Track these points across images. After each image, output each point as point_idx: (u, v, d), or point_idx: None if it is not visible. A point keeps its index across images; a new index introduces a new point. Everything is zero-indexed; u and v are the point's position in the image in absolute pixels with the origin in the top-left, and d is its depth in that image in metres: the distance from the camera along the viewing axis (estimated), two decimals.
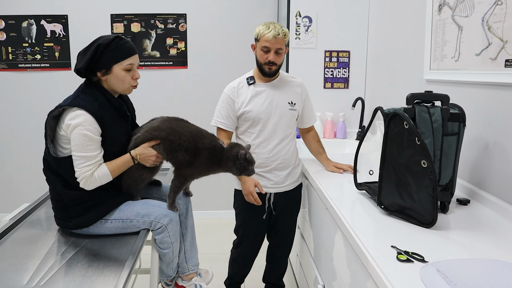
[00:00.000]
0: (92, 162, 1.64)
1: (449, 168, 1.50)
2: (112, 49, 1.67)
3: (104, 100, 1.69)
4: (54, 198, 1.73)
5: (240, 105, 2.05)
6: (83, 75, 1.72)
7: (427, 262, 1.13)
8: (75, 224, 1.69)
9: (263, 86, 2.09)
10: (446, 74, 1.93)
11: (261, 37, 1.99)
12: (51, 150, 1.67)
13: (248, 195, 2.00)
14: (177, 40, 3.63)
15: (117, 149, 1.73)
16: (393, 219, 1.45)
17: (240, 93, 2.07)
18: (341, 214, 1.50)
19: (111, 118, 1.69)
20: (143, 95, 3.61)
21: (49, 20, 3.55)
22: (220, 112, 2.08)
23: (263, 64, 2.02)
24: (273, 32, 1.95)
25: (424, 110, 1.47)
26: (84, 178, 1.63)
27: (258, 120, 2.05)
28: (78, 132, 1.60)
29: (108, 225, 1.70)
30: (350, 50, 3.07)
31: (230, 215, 3.90)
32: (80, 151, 1.61)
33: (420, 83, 2.20)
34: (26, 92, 3.63)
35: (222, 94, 2.10)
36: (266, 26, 1.98)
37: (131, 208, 1.73)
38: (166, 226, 1.72)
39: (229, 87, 2.10)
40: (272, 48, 1.98)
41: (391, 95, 2.66)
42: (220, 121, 2.08)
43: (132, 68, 1.74)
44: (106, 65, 1.67)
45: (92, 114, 1.61)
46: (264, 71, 2.04)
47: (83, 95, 1.68)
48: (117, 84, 1.71)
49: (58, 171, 1.69)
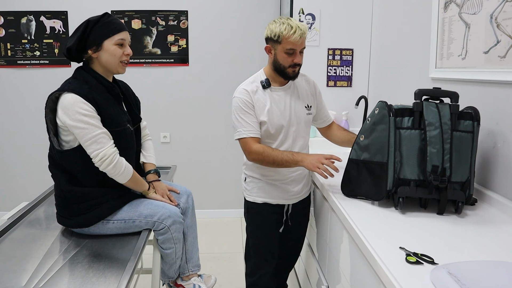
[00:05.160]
0: (108, 138, 1.62)
1: (463, 166, 1.47)
2: (102, 24, 1.67)
3: (95, 82, 1.68)
4: (57, 194, 1.71)
5: (259, 113, 1.81)
6: (74, 56, 1.70)
7: (438, 264, 1.10)
8: (76, 223, 1.66)
9: (279, 91, 1.86)
10: (452, 73, 1.90)
11: (284, 38, 1.73)
12: (54, 143, 1.65)
13: (318, 165, 1.66)
14: (178, 37, 3.59)
15: (119, 128, 1.70)
16: (400, 219, 1.42)
17: (257, 99, 1.81)
18: (346, 214, 1.47)
19: (105, 99, 1.67)
20: (144, 93, 3.50)
21: (48, 16, 3.51)
22: (245, 120, 1.79)
23: (288, 67, 1.79)
24: (298, 32, 1.72)
25: (432, 105, 1.46)
26: (110, 156, 1.60)
27: (279, 131, 1.84)
28: (77, 116, 1.57)
29: (110, 226, 1.67)
30: (353, 48, 3.04)
31: (231, 214, 3.96)
32: (89, 132, 1.58)
33: (425, 82, 2.17)
34: (25, 90, 3.59)
35: (236, 100, 1.81)
36: (288, 26, 1.73)
37: (134, 208, 1.71)
38: (169, 227, 1.70)
39: (242, 91, 1.82)
40: (298, 49, 1.77)
41: (395, 93, 2.63)
42: (250, 130, 1.78)
43: (124, 43, 1.72)
44: (97, 40, 1.66)
45: (83, 96, 1.59)
46: (288, 74, 1.81)
47: (73, 80, 1.67)
48: (109, 60, 1.69)
49: (63, 165, 1.67)
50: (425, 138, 1.45)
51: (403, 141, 1.48)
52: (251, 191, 1.92)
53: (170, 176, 2.38)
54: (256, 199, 1.92)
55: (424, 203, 1.51)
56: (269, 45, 1.81)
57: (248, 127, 1.79)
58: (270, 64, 1.85)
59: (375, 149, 1.54)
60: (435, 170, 1.44)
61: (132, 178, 1.71)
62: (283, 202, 1.92)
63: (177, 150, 3.75)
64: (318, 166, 1.66)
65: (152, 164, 1.97)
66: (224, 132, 3.74)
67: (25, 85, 3.59)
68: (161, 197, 1.82)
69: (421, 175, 1.47)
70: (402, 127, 1.49)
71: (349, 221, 1.41)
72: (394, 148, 1.49)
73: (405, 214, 1.47)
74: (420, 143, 1.47)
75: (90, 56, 1.69)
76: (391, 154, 1.49)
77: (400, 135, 1.49)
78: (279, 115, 1.83)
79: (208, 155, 3.78)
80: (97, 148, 1.60)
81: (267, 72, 1.87)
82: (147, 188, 1.80)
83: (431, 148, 1.44)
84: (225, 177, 3.82)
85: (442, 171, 1.43)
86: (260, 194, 1.90)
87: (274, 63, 1.81)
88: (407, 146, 1.48)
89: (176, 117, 3.70)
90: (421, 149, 1.47)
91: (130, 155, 1.79)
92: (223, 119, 3.71)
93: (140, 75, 3.57)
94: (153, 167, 1.95)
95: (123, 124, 1.72)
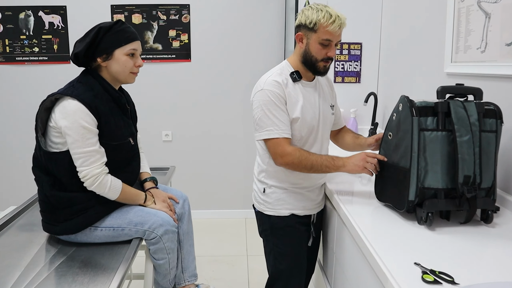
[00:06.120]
0: (98, 156, 1.54)
1: (490, 169, 1.33)
2: (114, 32, 1.58)
3: (101, 90, 1.59)
4: (41, 199, 1.61)
5: (291, 110, 1.58)
6: (81, 62, 1.61)
7: (458, 284, 0.96)
8: (62, 229, 1.56)
9: (310, 86, 1.65)
10: (470, 67, 1.76)
11: (322, 26, 1.53)
12: (42, 143, 1.56)
13: (364, 164, 1.50)
14: (180, 32, 3.50)
15: (117, 142, 1.61)
16: (416, 231, 1.28)
17: (289, 93, 1.58)
18: (354, 222, 1.34)
19: (110, 110, 1.59)
20: (145, 90, 3.51)
21: (47, 11, 3.43)
22: (277, 117, 1.55)
23: (320, 60, 1.57)
24: (338, 22, 1.54)
25: (459, 105, 1.31)
26: (93, 177, 1.52)
27: (310, 132, 1.62)
28: (75, 126, 1.49)
29: (98, 233, 1.57)
30: (362, 42, 2.90)
31: (235, 215, 3.86)
32: (81, 146, 1.50)
33: (440, 77, 2.03)
34: (23, 87, 3.52)
35: (266, 93, 1.56)
36: (327, 13, 1.54)
37: (123, 215, 1.60)
38: (161, 236, 1.59)
39: (272, 83, 1.57)
40: (334, 41, 1.57)
41: (407, 90, 2.49)
42: (284, 129, 1.55)
43: (135, 54, 1.64)
44: (108, 49, 1.58)
45: (85, 104, 1.50)
46: (318, 69, 1.59)
47: (78, 84, 1.58)
48: (119, 71, 1.61)
49: (48, 168, 1.57)
50: (454, 142, 1.29)
51: (428, 144, 1.31)
52: (274, 203, 1.66)
53: (168, 177, 2.26)
54: (281, 212, 1.66)
55: (447, 214, 1.37)
56: (302, 33, 1.59)
57: (281, 125, 1.55)
58: (298, 55, 1.62)
59: (402, 151, 1.38)
60: (467, 180, 1.28)
61: (122, 194, 1.62)
62: (309, 212, 1.71)
63: (179, 148, 3.67)
64: (364, 166, 1.49)
65: (147, 173, 1.89)
66: (227, 130, 3.65)
67: (25, 82, 3.52)
68: (161, 205, 1.73)
69: (449, 184, 1.31)
70: (427, 128, 1.32)
71: (357, 231, 1.28)
72: (418, 153, 1.32)
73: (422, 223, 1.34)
74: (448, 147, 1.31)
75: (99, 65, 1.61)
76: (414, 160, 1.32)
77: (424, 137, 1.32)
78: (312, 113, 1.62)
79: (210, 153, 3.69)
80: (83, 164, 1.53)
81: (294, 63, 1.64)
82: (143, 201, 1.71)
83: (463, 155, 1.28)
84: (229, 176, 3.73)
85: (473, 179, 1.28)
86: (286, 205, 1.66)
87: (304, 54, 1.59)
88: (432, 150, 1.31)
89: (178, 115, 3.62)
90: (449, 153, 1.30)
91: (133, 166, 1.74)
92: (227, 116, 3.62)
93: (140, 72, 3.39)
94: (148, 175, 1.88)
95: (123, 137, 1.65)
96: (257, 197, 1.71)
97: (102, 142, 1.56)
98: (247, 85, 3.53)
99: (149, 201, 1.71)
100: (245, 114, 3.60)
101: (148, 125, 3.51)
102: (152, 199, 1.72)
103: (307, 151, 1.57)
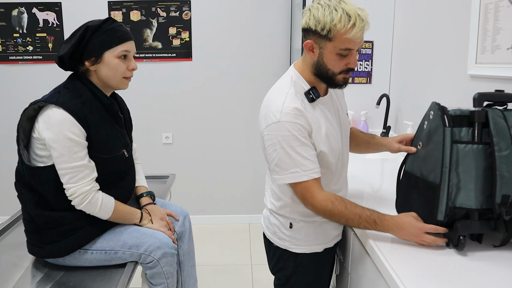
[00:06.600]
0: (87, 172, 1.39)
1: None
2: (104, 32, 1.42)
3: (91, 97, 1.43)
4: (25, 219, 1.47)
5: (318, 140, 1.30)
6: (67, 66, 1.46)
7: None
8: (48, 252, 1.42)
9: (327, 101, 1.38)
10: (498, 69, 1.61)
11: (339, 34, 1.21)
12: (24, 157, 1.41)
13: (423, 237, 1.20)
14: (181, 29, 3.38)
15: (109, 155, 1.46)
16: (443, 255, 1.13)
17: (311, 119, 1.29)
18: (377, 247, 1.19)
19: (100, 119, 1.44)
20: (143, 90, 3.39)
21: (41, 8, 3.29)
22: (303, 155, 1.26)
23: (338, 73, 1.29)
24: (360, 24, 1.22)
25: (498, 115, 1.15)
26: (82, 195, 1.38)
27: (337, 157, 1.37)
28: (60, 138, 1.34)
29: (88, 257, 1.42)
30: (373, 40, 2.74)
31: (239, 220, 3.72)
32: (68, 161, 1.35)
33: (462, 80, 1.87)
34: (17, 87, 3.39)
35: (286, 126, 1.25)
36: (344, 15, 1.21)
37: (116, 237, 1.46)
38: (159, 260, 1.44)
39: (292, 112, 1.26)
40: (356, 48, 1.27)
41: (423, 92, 2.33)
42: (311, 168, 1.27)
43: (128, 56, 1.48)
44: (96, 51, 1.42)
45: (72, 113, 1.35)
46: (337, 82, 1.30)
47: (65, 90, 1.43)
48: (110, 75, 1.45)
49: (32, 184, 1.42)
50: (492, 157, 1.14)
51: (461, 159, 1.16)
52: (304, 240, 1.40)
53: (168, 186, 2.11)
54: (314, 248, 1.41)
55: (478, 236, 1.21)
56: (312, 40, 1.27)
57: (309, 164, 1.26)
58: (309, 65, 1.32)
59: (431, 165, 1.22)
60: (506, 201, 1.13)
61: (115, 213, 1.48)
62: (338, 239, 1.49)
63: (180, 151, 3.54)
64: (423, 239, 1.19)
65: (144, 187, 1.74)
66: (230, 132, 3.52)
67: (18, 82, 3.39)
68: (159, 225, 1.58)
69: (484, 204, 1.15)
70: (461, 140, 1.17)
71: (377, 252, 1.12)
72: (450, 168, 1.17)
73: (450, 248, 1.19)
74: (484, 162, 1.15)
75: (87, 69, 1.45)
76: (445, 175, 1.16)
77: (457, 150, 1.17)
78: (335, 136, 1.36)
79: (212, 157, 3.56)
80: (70, 181, 1.38)
81: (306, 75, 1.34)
82: (139, 220, 1.56)
83: (502, 172, 1.12)
84: (232, 180, 3.60)
85: None
86: (319, 240, 1.42)
87: (317, 66, 1.29)
88: (466, 165, 1.16)
89: (179, 116, 3.49)
90: (485, 169, 1.15)
91: (128, 181, 1.59)
92: (230, 118, 3.49)
93: (139, 72, 3.36)
94: (145, 190, 1.72)
95: (115, 150, 1.50)
96: (278, 233, 1.42)
97: (92, 155, 1.42)
98: (251, 85, 3.41)
99: (145, 219, 1.56)
100: (249, 115, 3.47)
101: (147, 127, 3.40)
102: (148, 218, 1.58)
103: (341, 201, 1.28)
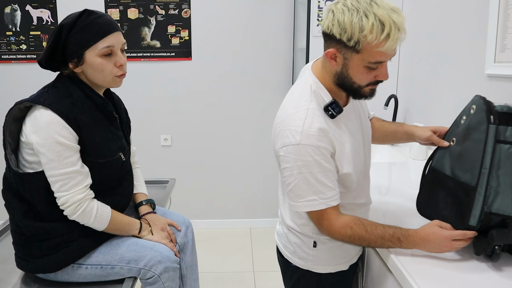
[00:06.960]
0: (80, 178, 1.28)
1: None
2: (80, 29, 1.27)
3: (82, 96, 1.32)
4: (13, 230, 1.36)
5: (341, 162, 1.18)
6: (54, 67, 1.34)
7: None
8: (38, 267, 1.31)
9: (349, 113, 1.24)
10: None
11: (369, 46, 1.06)
12: (12, 163, 1.30)
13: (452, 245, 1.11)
14: (180, 28, 3.29)
15: (104, 160, 1.35)
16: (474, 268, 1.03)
17: (333, 139, 1.16)
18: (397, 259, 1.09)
19: (93, 120, 1.32)
20: (141, 91, 3.29)
21: (35, 5, 3.20)
22: (323, 182, 1.14)
23: (365, 86, 1.15)
24: (395, 35, 1.04)
25: None
26: (74, 204, 1.27)
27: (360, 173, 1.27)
28: (49, 142, 1.23)
29: (82, 272, 1.32)
30: None
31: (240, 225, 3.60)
32: (58, 167, 1.24)
33: (479, 79, 1.78)
34: (10, 87, 3.30)
35: (308, 151, 1.11)
36: (377, 22, 1.03)
37: (113, 250, 1.35)
38: (160, 275, 1.34)
39: (314, 134, 1.12)
40: (387, 59, 1.12)
41: (433, 93, 2.24)
42: (331, 196, 1.15)
43: (113, 51, 1.32)
44: (76, 52, 1.28)
45: (61, 114, 1.24)
46: (363, 94, 1.17)
47: (53, 89, 1.31)
48: (98, 76, 1.33)
49: (20, 192, 1.31)
50: None
51: (503, 160, 1.06)
52: (329, 259, 1.30)
53: (168, 192, 2.01)
54: (339, 268, 1.32)
55: (510, 246, 1.12)
56: (335, 49, 1.11)
57: (328, 192, 1.15)
58: (330, 74, 1.18)
59: (467, 164, 1.11)
60: None
61: (111, 224, 1.36)
62: (359, 255, 1.40)
63: (179, 154, 3.45)
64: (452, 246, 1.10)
65: (143, 194, 1.63)
66: (231, 134, 3.43)
67: (11, 82, 3.29)
68: (160, 236, 1.47)
69: None
70: (505, 140, 1.06)
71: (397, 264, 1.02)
72: (490, 170, 1.07)
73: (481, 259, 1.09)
74: None
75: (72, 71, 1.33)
76: (483, 177, 1.06)
77: (500, 151, 1.07)
78: (359, 149, 1.24)
79: (213, 159, 3.47)
80: (62, 189, 1.27)
81: (327, 83, 1.19)
82: (138, 231, 1.45)
83: None
84: (233, 183, 3.52)
85: None
86: (344, 258, 1.32)
87: (340, 77, 1.15)
88: (509, 168, 1.06)
89: (178, 118, 3.40)
90: None
91: (125, 187, 1.48)
92: (230, 119, 3.40)
93: (137, 71, 3.29)
94: (145, 198, 1.61)
95: (111, 153, 1.38)
96: (299, 252, 1.30)
97: (86, 160, 1.31)
98: (253, 86, 3.32)
99: (144, 230, 1.45)
100: (251, 116, 3.38)
101: (145, 129, 3.30)
102: (148, 228, 1.47)
103: (362, 225, 1.16)
